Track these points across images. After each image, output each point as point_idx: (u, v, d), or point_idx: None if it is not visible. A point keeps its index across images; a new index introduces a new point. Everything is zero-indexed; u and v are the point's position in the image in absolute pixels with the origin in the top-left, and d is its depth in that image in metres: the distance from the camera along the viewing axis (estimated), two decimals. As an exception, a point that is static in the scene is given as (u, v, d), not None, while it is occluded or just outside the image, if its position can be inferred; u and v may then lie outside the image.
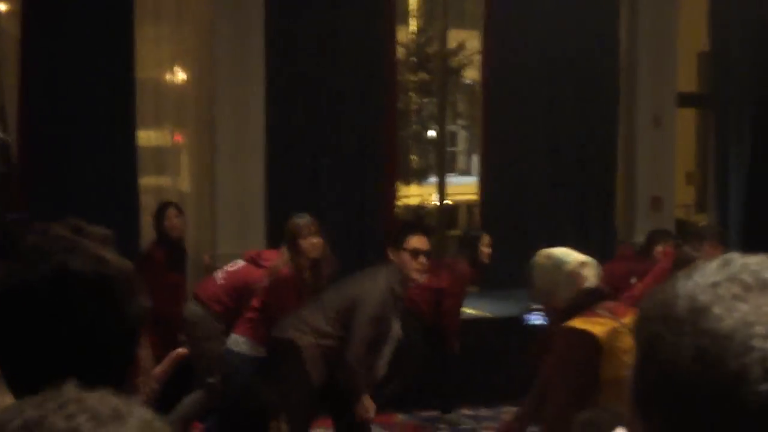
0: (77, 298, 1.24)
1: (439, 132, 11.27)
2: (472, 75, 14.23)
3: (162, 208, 7.57)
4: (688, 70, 10.61)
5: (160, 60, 8.99)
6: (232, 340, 6.44)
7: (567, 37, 9.40)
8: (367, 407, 5.84)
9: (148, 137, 8.84)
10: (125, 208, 8.25)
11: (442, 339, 7.82)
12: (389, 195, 9.23)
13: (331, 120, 8.85)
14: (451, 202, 12.70)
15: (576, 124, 9.55)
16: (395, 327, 6.07)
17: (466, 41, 13.63)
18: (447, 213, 11.38)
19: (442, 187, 10.21)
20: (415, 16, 15.50)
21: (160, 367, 1.39)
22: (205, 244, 8.61)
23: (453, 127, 18.06)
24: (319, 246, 6.43)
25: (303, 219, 6.48)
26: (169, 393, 6.63)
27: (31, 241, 1.35)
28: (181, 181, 9.19)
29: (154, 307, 6.23)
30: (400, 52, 11.51)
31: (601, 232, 9.58)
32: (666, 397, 0.89)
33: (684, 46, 9.99)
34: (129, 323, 1.30)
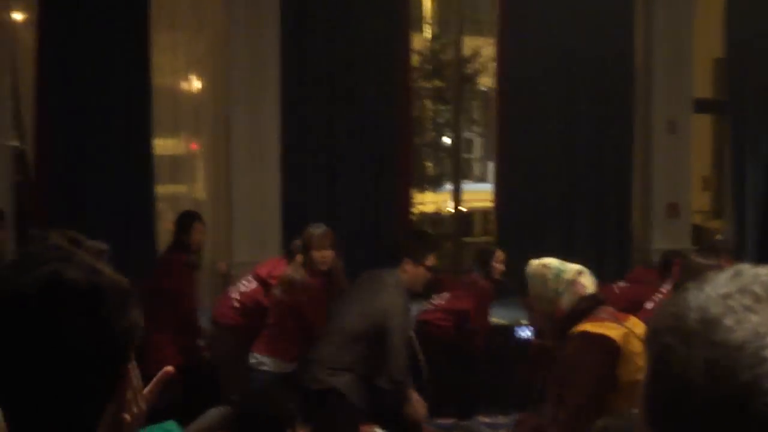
0: (68, 307, 1.23)
1: (454, 139, 11.25)
2: (486, 82, 14.20)
3: (186, 219, 7.49)
4: (704, 76, 10.58)
5: (175, 68, 9.03)
6: (256, 360, 6.40)
7: (582, 44, 9.38)
8: (416, 406, 5.87)
9: (164, 145, 8.87)
10: (141, 215, 8.28)
11: (462, 350, 7.83)
12: (404, 202, 9.23)
13: (346, 127, 8.86)
14: (466, 209, 12.67)
15: (591, 131, 9.54)
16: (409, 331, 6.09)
17: (481, 48, 13.61)
18: (462, 220, 11.36)
19: (457, 195, 10.20)
20: (429, 23, 15.49)
21: (148, 388, 1.37)
22: (221, 251, 8.62)
23: (468, 134, 18.02)
24: (330, 259, 6.41)
25: (318, 230, 6.45)
26: (190, 403, 6.56)
27: (27, 249, 1.35)
28: (197, 188, 9.22)
29: (177, 311, 6.16)
30: (415, 60, 11.51)
31: (617, 238, 9.56)
32: (678, 409, 0.88)
33: (699, 52, 9.96)
34: (119, 337, 1.28)
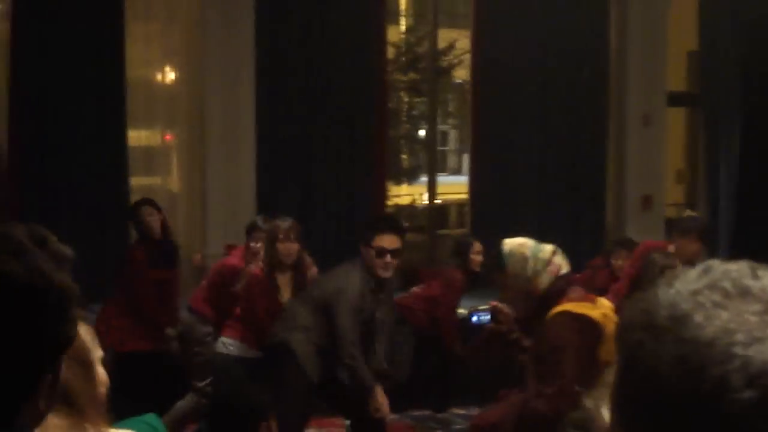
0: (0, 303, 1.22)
1: (429, 131, 11.27)
2: (462, 74, 14.24)
3: (135, 207, 7.45)
4: (678, 69, 10.63)
5: (150, 59, 8.99)
6: (221, 342, 6.46)
7: (557, 37, 9.41)
8: (379, 403, 5.85)
9: (138, 137, 8.83)
10: (115, 207, 8.23)
11: (437, 342, 7.85)
12: (379, 194, 9.23)
13: (321, 119, 8.84)
14: (442, 201, 12.70)
15: (566, 123, 9.57)
16: (386, 318, 6.08)
17: (456, 41, 13.64)
18: (437, 212, 11.38)
19: (432, 187, 10.21)
20: (405, 15, 15.53)
21: None
22: (196, 243, 8.61)
23: (443, 127, 18.08)
24: (295, 252, 6.42)
25: (285, 223, 6.46)
26: (162, 396, 6.61)
27: None
28: (172, 180, 9.19)
29: (138, 305, 6.25)
30: (390, 52, 11.51)
31: (591, 230, 9.60)
32: (648, 405, 0.88)
33: (674, 45, 10.01)
34: (48, 342, 1.26)
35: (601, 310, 4.15)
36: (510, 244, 4.25)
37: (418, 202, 14.34)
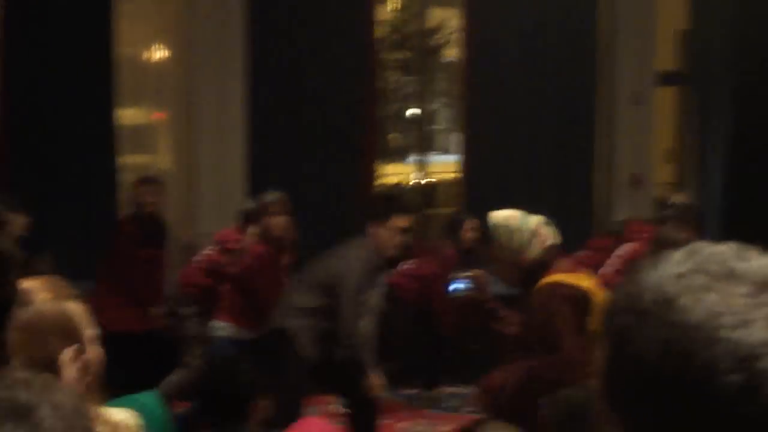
0: None
1: (419, 110, 11.24)
2: (452, 54, 14.19)
3: (139, 183, 7.57)
4: (667, 48, 10.62)
5: (139, 37, 8.95)
6: (215, 326, 6.46)
7: (546, 16, 9.39)
8: (373, 383, 5.88)
9: (127, 115, 8.81)
10: (104, 186, 8.23)
11: (430, 320, 7.85)
12: (369, 173, 9.22)
13: (311, 98, 8.82)
14: (432, 180, 12.69)
15: (555, 102, 9.56)
16: (377, 300, 6.09)
17: (446, 19, 13.58)
18: (428, 191, 11.38)
19: (423, 166, 10.20)
20: (394, -6, 15.44)
21: None
22: (185, 222, 8.59)
23: (433, 106, 18.02)
24: (285, 224, 6.44)
25: (272, 196, 6.49)
26: (153, 373, 6.63)
27: None
28: (161, 159, 9.17)
29: (126, 281, 6.29)
30: (380, 31, 11.46)
31: (580, 209, 9.60)
32: (635, 388, 0.89)
33: (663, 24, 9.99)
34: None
35: (590, 281, 4.19)
36: (498, 216, 4.29)
37: (407, 181, 14.33)
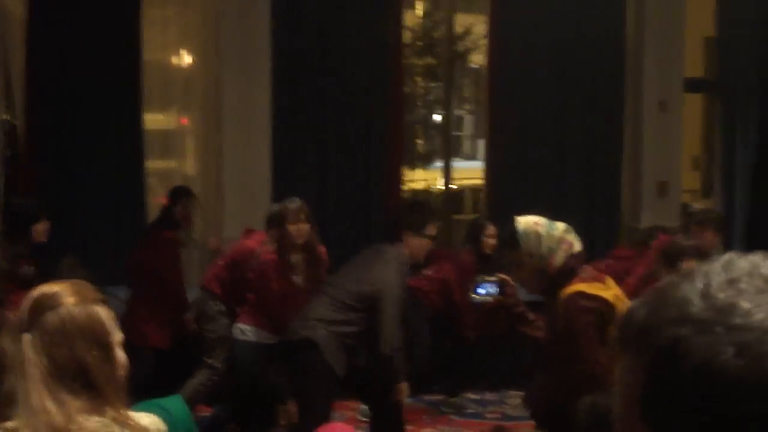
0: None
1: (445, 116, 11.24)
2: (478, 59, 14.19)
3: (178, 194, 7.61)
4: (695, 55, 10.58)
5: (166, 43, 9.00)
6: (238, 330, 6.48)
7: (573, 22, 9.37)
8: (402, 390, 5.90)
9: (154, 120, 8.85)
10: (132, 191, 8.27)
11: (451, 326, 7.85)
12: (395, 179, 9.22)
13: (337, 104, 8.84)
14: (457, 186, 12.69)
15: (582, 109, 9.53)
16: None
17: (473, 26, 13.59)
18: (452, 198, 11.37)
19: (447, 172, 10.20)
20: (421, 0, 15.47)
21: None
22: (211, 227, 8.63)
23: (459, 112, 18.02)
24: (306, 232, 6.44)
25: (293, 204, 6.49)
26: (176, 375, 6.66)
27: None
28: (188, 164, 9.21)
29: (163, 289, 6.31)
30: (407, 36, 11.49)
31: (606, 217, 9.57)
32: (704, 402, 0.86)
33: (691, 31, 9.95)
34: None
35: (613, 291, 4.18)
36: (524, 222, 4.26)
37: (433, 187, 14.33)
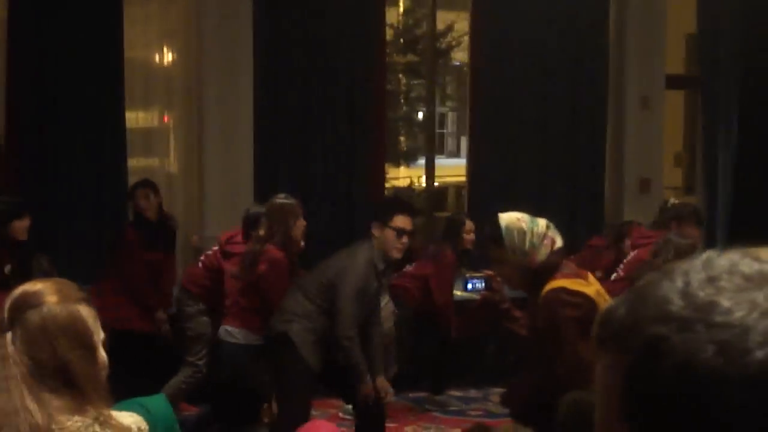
0: None
1: (427, 114, 11.25)
2: (460, 57, 14.21)
3: (132, 188, 7.63)
4: (677, 52, 10.62)
5: (148, 40, 8.97)
6: (226, 332, 6.44)
7: (555, 20, 9.38)
8: (381, 388, 5.87)
9: (136, 118, 8.82)
10: (113, 188, 8.24)
11: (433, 324, 7.85)
12: (378, 176, 9.22)
13: (319, 101, 8.83)
14: (440, 183, 12.70)
15: (564, 106, 9.55)
16: (388, 304, 6.08)
17: (455, 23, 13.62)
18: (435, 195, 11.38)
19: (430, 169, 10.21)
20: (403, -3, 15.48)
21: None
22: (193, 224, 8.61)
23: (442, 109, 18.07)
24: (303, 229, 6.43)
25: (293, 201, 6.45)
26: (156, 375, 6.63)
27: None
28: (170, 161, 9.18)
29: (129, 284, 6.38)
30: (389, 34, 11.49)
31: (589, 214, 9.59)
32: (685, 400, 0.86)
33: (672, 27, 9.99)
34: None
35: (595, 287, 4.19)
36: (507, 218, 4.27)
37: (416, 184, 14.35)
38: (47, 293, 2.25)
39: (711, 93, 10.13)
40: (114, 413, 2.26)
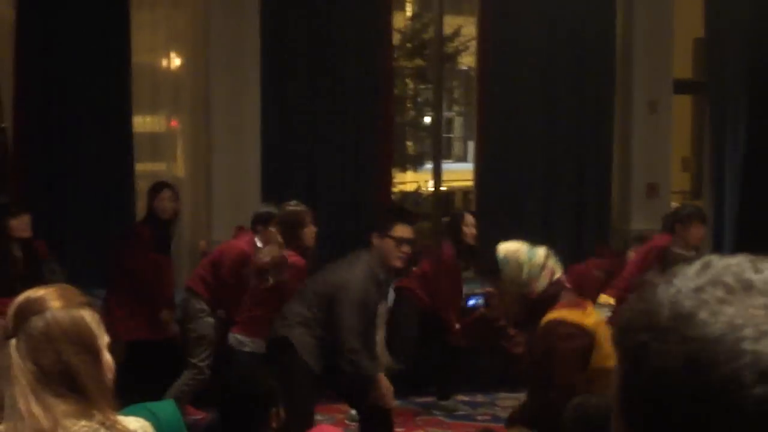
0: None
1: (434, 118, 11.23)
2: (468, 61, 14.21)
3: (157, 187, 7.60)
4: (684, 57, 10.60)
5: (155, 45, 8.98)
6: (237, 340, 6.43)
7: (563, 24, 9.38)
8: (382, 394, 5.86)
9: (143, 122, 8.84)
10: (121, 193, 8.25)
11: (440, 328, 7.83)
12: (385, 181, 9.22)
13: (326, 106, 8.83)
14: (447, 188, 12.69)
15: (572, 111, 9.54)
16: (381, 311, 6.07)
17: (462, 27, 13.62)
18: (442, 199, 11.37)
19: (437, 174, 10.20)
20: (410, 1, 15.48)
21: None
22: (200, 229, 8.62)
23: (449, 114, 18.05)
24: (314, 235, 6.44)
25: (303, 207, 6.46)
26: (163, 378, 6.63)
27: None
28: (177, 166, 9.19)
29: (137, 284, 6.39)
30: (396, 38, 11.49)
31: (596, 218, 9.57)
32: (655, 405, 0.88)
33: (680, 32, 9.98)
34: None
35: (593, 317, 4.20)
36: (505, 249, 4.28)
37: (424, 188, 14.35)
38: (50, 299, 2.26)
39: (719, 97, 10.12)
40: (120, 418, 2.26)
